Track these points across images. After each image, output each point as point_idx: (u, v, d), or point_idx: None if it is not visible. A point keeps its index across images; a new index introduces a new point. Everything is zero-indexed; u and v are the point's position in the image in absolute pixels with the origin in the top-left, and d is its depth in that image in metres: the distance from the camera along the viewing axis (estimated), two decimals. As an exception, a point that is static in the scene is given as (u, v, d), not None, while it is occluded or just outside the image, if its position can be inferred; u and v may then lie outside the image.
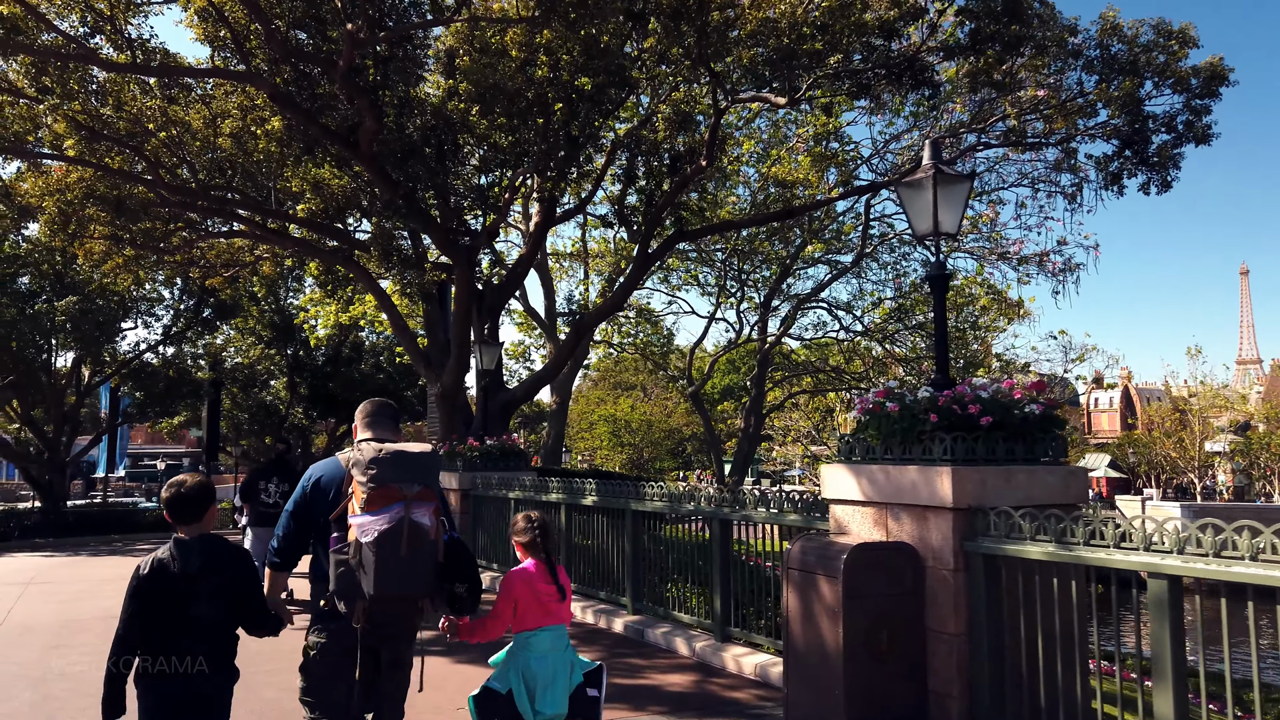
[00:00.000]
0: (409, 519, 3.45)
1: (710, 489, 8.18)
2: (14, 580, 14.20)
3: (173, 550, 3.54)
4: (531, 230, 19.12)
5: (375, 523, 3.42)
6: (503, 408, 18.94)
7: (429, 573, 3.56)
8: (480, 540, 12.82)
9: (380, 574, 3.40)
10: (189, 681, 3.47)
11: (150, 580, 3.50)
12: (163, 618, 3.47)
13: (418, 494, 3.53)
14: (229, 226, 20.56)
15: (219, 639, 3.57)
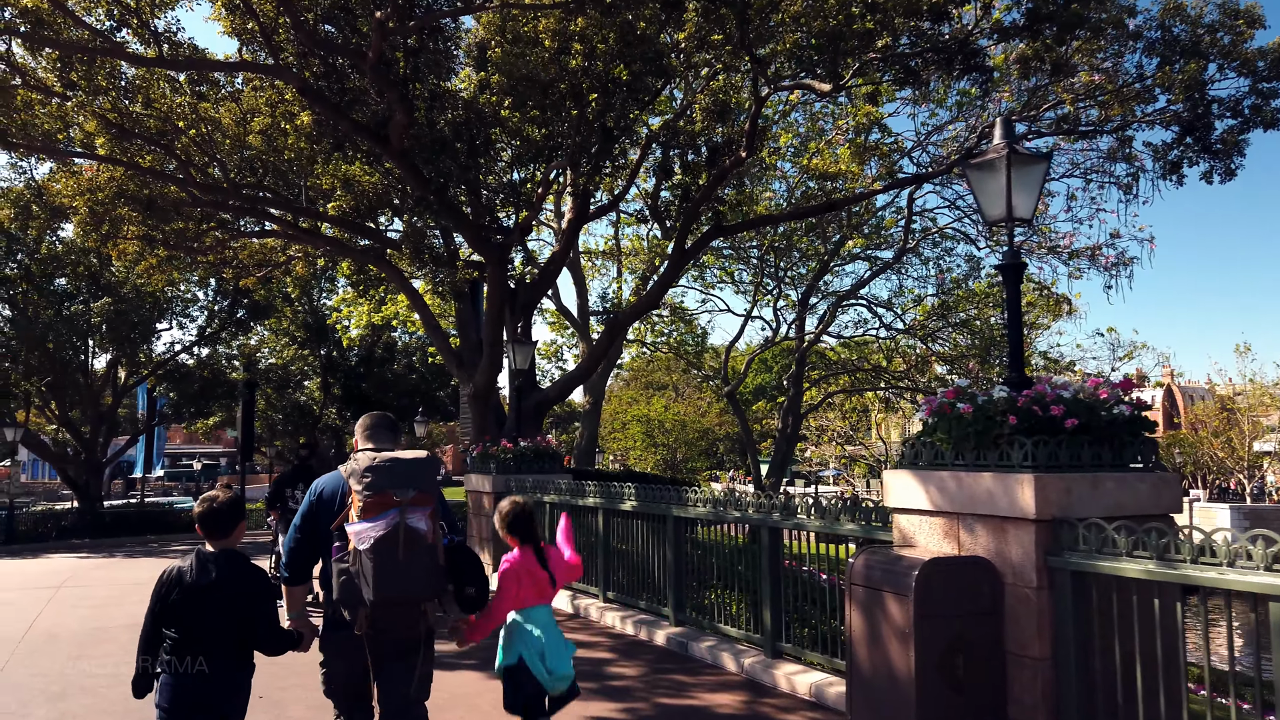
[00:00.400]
0: (404, 524, 3.52)
1: (759, 495, 7.71)
2: (47, 583, 14.07)
3: (194, 563, 3.70)
4: (564, 227, 18.74)
5: (372, 529, 3.50)
6: (536, 408, 18.59)
7: (427, 575, 3.63)
8: (514, 545, 12.45)
9: (379, 579, 3.48)
10: (198, 687, 3.60)
11: (167, 589, 3.69)
12: (178, 627, 3.64)
13: (413, 499, 3.58)
14: (261, 226, 20.42)
15: (234, 652, 3.70)
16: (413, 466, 3.67)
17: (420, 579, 3.59)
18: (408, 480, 3.61)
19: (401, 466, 3.64)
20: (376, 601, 3.52)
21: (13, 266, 27.11)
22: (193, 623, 3.64)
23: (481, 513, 13.08)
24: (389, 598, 3.53)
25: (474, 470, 13.44)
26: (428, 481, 3.71)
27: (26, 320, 26.90)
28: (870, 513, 6.34)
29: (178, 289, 30.28)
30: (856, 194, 17.01)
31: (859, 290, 22.40)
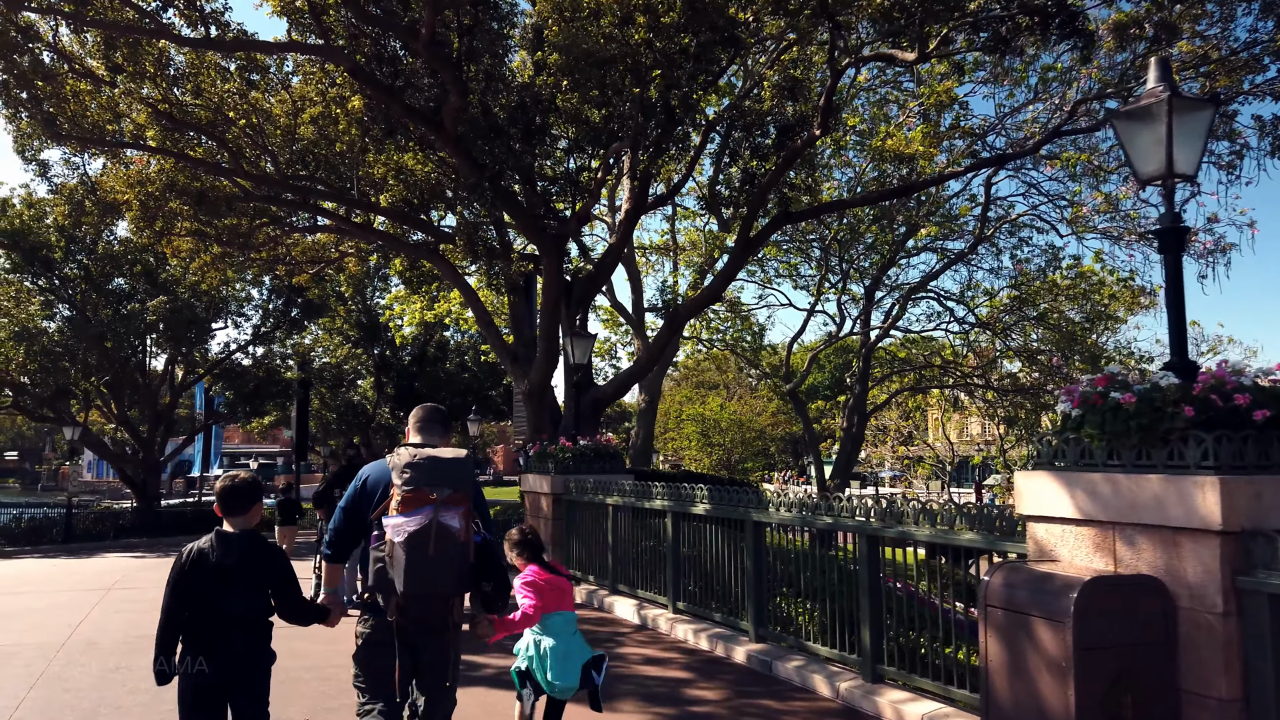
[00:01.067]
0: (437, 521, 3.63)
1: (858, 500, 6.89)
2: (97, 584, 13.77)
3: (213, 541, 3.74)
4: (621, 218, 18.04)
5: (407, 523, 3.61)
6: (593, 405, 17.92)
7: (456, 572, 3.71)
8: (574, 549, 11.76)
9: (409, 572, 3.60)
10: (218, 666, 3.63)
11: (189, 569, 3.70)
12: (199, 604, 3.66)
13: (448, 498, 3.68)
14: (313, 221, 20.10)
15: (248, 626, 3.73)
16: (450, 466, 3.77)
17: (448, 574, 3.69)
18: (444, 479, 3.72)
19: (440, 465, 3.74)
20: (405, 593, 3.64)
21: (72, 266, 27.31)
22: (216, 600, 3.68)
23: (540, 514, 12.44)
24: (417, 591, 3.64)
25: (531, 470, 12.80)
26: (464, 480, 3.80)
27: (85, 319, 27.07)
28: (994, 520, 5.50)
29: (232, 287, 30.30)
30: (938, 175, 15.98)
31: (929, 282, 21.31)
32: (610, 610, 10.16)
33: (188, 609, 3.70)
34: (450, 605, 3.84)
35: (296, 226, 20.23)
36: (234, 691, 3.70)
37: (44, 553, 22.48)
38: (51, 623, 9.76)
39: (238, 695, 3.71)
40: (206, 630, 3.67)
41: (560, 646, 4.66)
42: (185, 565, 3.72)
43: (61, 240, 26.96)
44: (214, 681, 3.65)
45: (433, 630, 3.86)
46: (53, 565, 18.29)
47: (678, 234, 25.87)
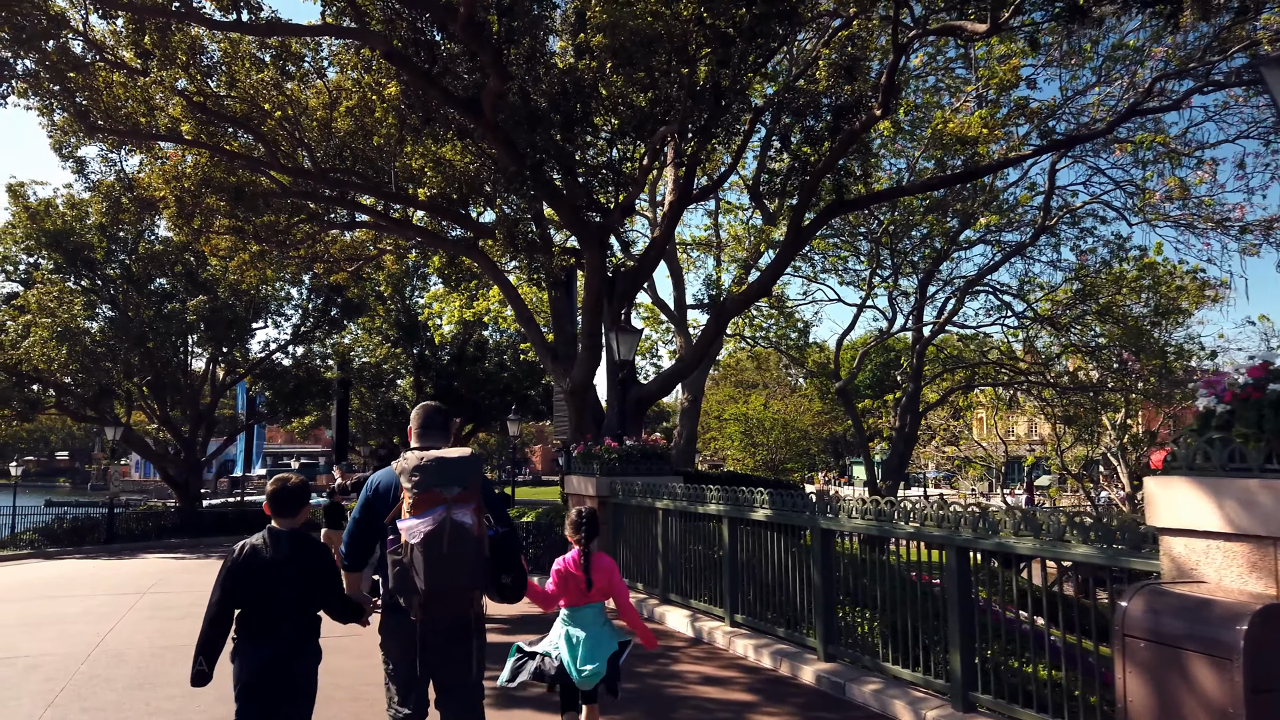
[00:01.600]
0: (450, 519, 3.73)
1: (947, 505, 6.20)
2: (133, 587, 13.47)
3: (265, 538, 3.92)
4: (665, 210, 17.44)
5: (421, 525, 3.70)
6: (636, 404, 17.34)
7: (472, 566, 3.80)
8: (622, 555, 11.17)
9: (429, 570, 3.69)
10: (271, 658, 3.79)
11: (241, 565, 3.86)
12: (251, 597, 3.82)
13: (457, 496, 3.78)
14: (351, 217, 19.77)
15: (302, 620, 3.89)
16: (457, 465, 3.85)
17: (465, 570, 3.78)
18: (452, 478, 3.80)
19: (447, 465, 3.82)
20: (427, 590, 3.71)
21: (114, 266, 27.34)
22: (268, 595, 3.83)
23: (584, 518, 11.86)
24: (438, 587, 3.72)
25: (575, 471, 12.24)
26: (471, 479, 3.87)
27: (127, 319, 27.08)
28: (1116, 532, 4.79)
29: (272, 287, 30.21)
30: (1001, 160, 15.13)
31: (987, 275, 20.38)
32: (662, 621, 9.55)
33: (240, 604, 3.85)
34: (469, 599, 3.94)
35: (334, 223, 19.93)
36: (284, 681, 3.86)
37: (86, 553, 22.42)
38: (80, 631, 9.38)
39: (287, 685, 3.87)
40: (258, 623, 3.84)
41: (591, 637, 4.81)
42: (238, 561, 3.89)
43: (103, 241, 27.00)
44: (263, 673, 3.81)
45: (454, 624, 3.95)
46: (92, 567, 18.12)
47: (720, 229, 25.21)
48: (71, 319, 24.06)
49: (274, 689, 3.84)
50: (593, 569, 4.95)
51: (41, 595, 12.73)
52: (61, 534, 23.36)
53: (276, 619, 3.85)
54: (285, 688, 3.86)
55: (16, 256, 27.04)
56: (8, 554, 20.89)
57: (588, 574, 4.91)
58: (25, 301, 24.68)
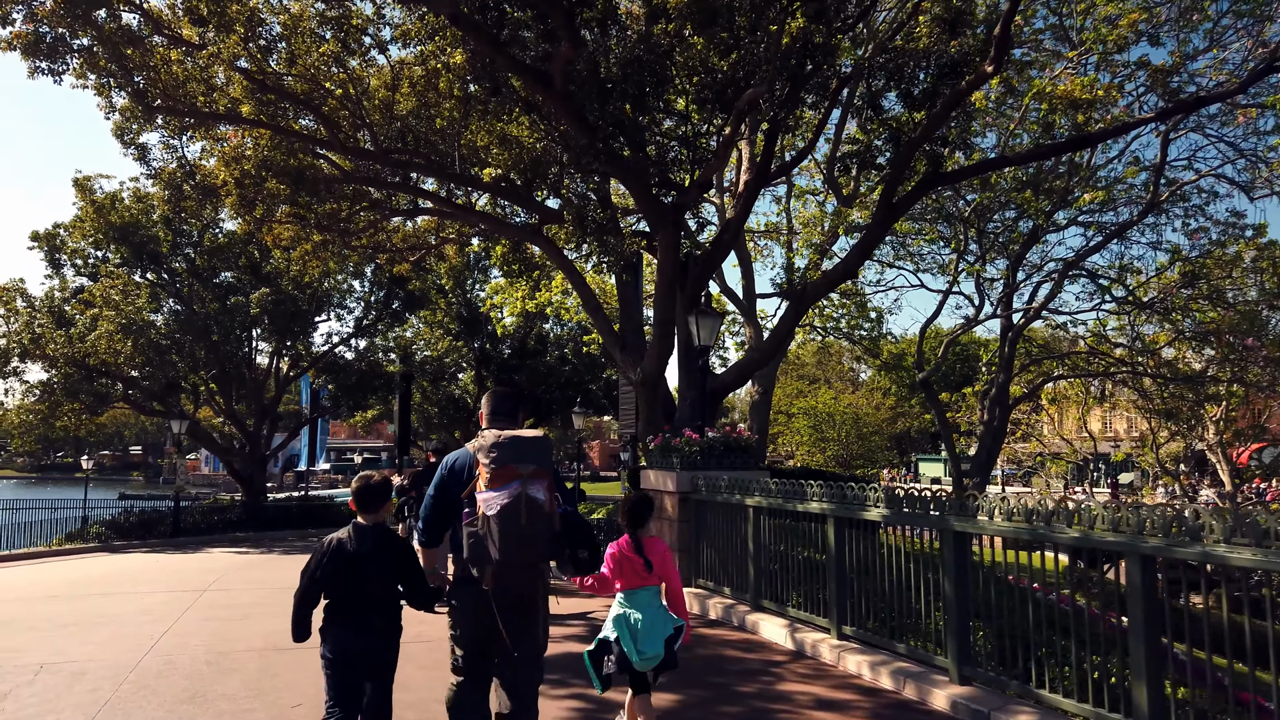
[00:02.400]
0: (526, 494, 3.92)
1: (1112, 505, 5.18)
2: (194, 585, 13.02)
3: (350, 533, 4.31)
4: (740, 190, 16.50)
5: (498, 498, 3.90)
6: (710, 396, 16.46)
7: (545, 540, 3.98)
8: (705, 556, 10.29)
9: (504, 541, 3.87)
10: (358, 639, 4.23)
11: (329, 557, 4.26)
12: (339, 587, 4.25)
13: (532, 472, 3.97)
14: (414, 203, 19.23)
15: (385, 606, 4.30)
16: (532, 444, 4.05)
17: (539, 543, 3.94)
18: (528, 456, 3.98)
19: (523, 444, 4.01)
20: (501, 561, 3.87)
21: (179, 260, 27.33)
22: (353, 586, 4.19)
23: (662, 515, 11.01)
24: (512, 558, 3.87)
25: (652, 466, 11.38)
26: (544, 457, 4.05)
27: (192, 312, 27.05)
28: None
29: (334, 279, 29.98)
30: (1117, 125, 13.81)
31: (1087, 257, 18.93)
32: (755, 631, 8.65)
33: (328, 593, 4.22)
34: (539, 570, 4.15)
35: (396, 210, 19.41)
36: (368, 660, 4.24)
37: (151, 547, 22.31)
38: (133, 633, 8.83)
39: (371, 663, 4.26)
40: (346, 608, 4.20)
41: (647, 619, 4.87)
42: (326, 554, 4.23)
43: (169, 234, 26.99)
44: (352, 652, 4.17)
45: (523, 596, 4.12)
46: (155, 561, 17.86)
47: (790, 214, 24.13)
48: (137, 312, 24.00)
49: (358, 668, 4.23)
50: (648, 551, 5.00)
51: (101, 592, 12.32)
52: (129, 527, 23.30)
53: (362, 607, 4.21)
54: (368, 666, 4.25)
55: (85, 250, 27.17)
56: (75, 547, 20.84)
57: (644, 556, 4.96)
58: (91, 295, 24.73)
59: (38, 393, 24.88)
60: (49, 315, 25.29)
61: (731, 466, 10.78)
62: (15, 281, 25.41)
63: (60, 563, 17.89)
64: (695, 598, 10.02)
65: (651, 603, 4.94)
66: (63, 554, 19.86)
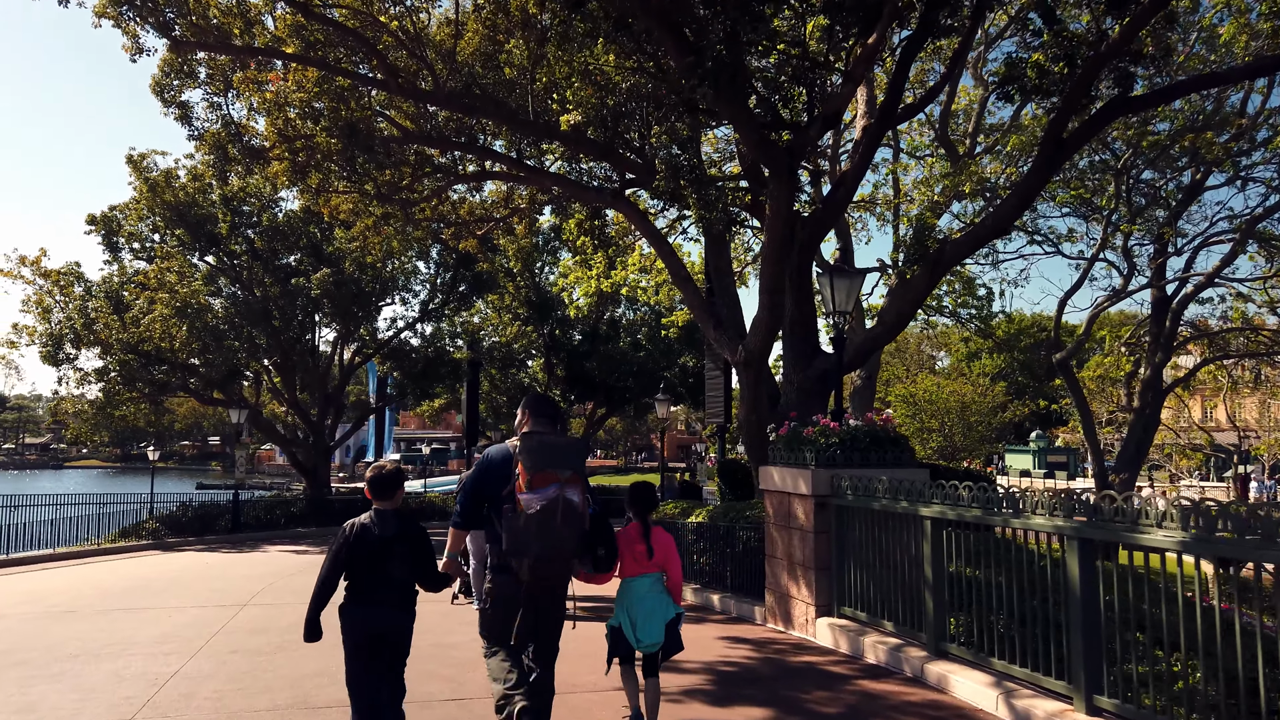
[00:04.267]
0: (564, 497, 4.29)
1: None
2: (233, 597, 11.28)
3: (373, 518, 4.56)
4: (858, 134, 14.15)
5: (537, 499, 4.25)
6: (821, 378, 14.21)
7: (577, 538, 4.37)
8: (852, 578, 8.05)
9: (541, 538, 4.24)
10: (380, 617, 4.47)
11: (355, 540, 4.47)
12: (361, 568, 4.46)
13: (569, 478, 4.34)
14: (481, 167, 17.31)
15: (402, 587, 4.54)
16: (569, 450, 4.45)
17: (571, 540, 4.34)
18: (565, 461, 4.37)
19: (561, 450, 4.41)
20: (537, 556, 4.24)
21: (238, 241, 26.01)
22: (375, 567, 4.47)
23: (790, 523, 8.82)
24: (547, 553, 4.27)
25: (775, 462, 9.18)
26: (579, 463, 4.46)
27: (252, 296, 25.73)
28: None
29: (398, 260, 28.41)
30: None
31: (1267, 217, 16.00)
32: (943, 688, 6.39)
33: (350, 574, 4.48)
34: (569, 566, 4.49)
35: (462, 175, 17.52)
36: (387, 639, 4.52)
37: (208, 544, 20.96)
38: (140, 672, 7.00)
39: (390, 641, 4.54)
40: (367, 589, 4.46)
41: (647, 606, 5.15)
42: (350, 538, 4.48)
43: (227, 214, 25.67)
44: (372, 631, 4.47)
45: (554, 587, 4.48)
46: (204, 563, 16.33)
47: (898, 176, 21.60)
48: (193, 295, 22.64)
49: (376, 643, 4.49)
50: (653, 539, 5.27)
51: (127, 606, 10.64)
52: (186, 523, 22.01)
53: (380, 586, 4.47)
54: (385, 643, 4.52)
55: (142, 233, 26.02)
56: (127, 545, 19.54)
57: (648, 543, 5.23)
58: (145, 277, 23.49)
59: (93, 380, 23.77)
60: (106, 300, 24.16)
61: (880, 464, 8.53)
62: (71, 265, 24.33)
63: (104, 564, 16.49)
64: (840, 632, 7.81)
65: (652, 589, 5.23)
66: (111, 553, 18.54)
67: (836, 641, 7.86)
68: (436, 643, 7.84)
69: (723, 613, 10.26)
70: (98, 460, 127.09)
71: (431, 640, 7.75)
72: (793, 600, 8.73)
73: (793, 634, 8.58)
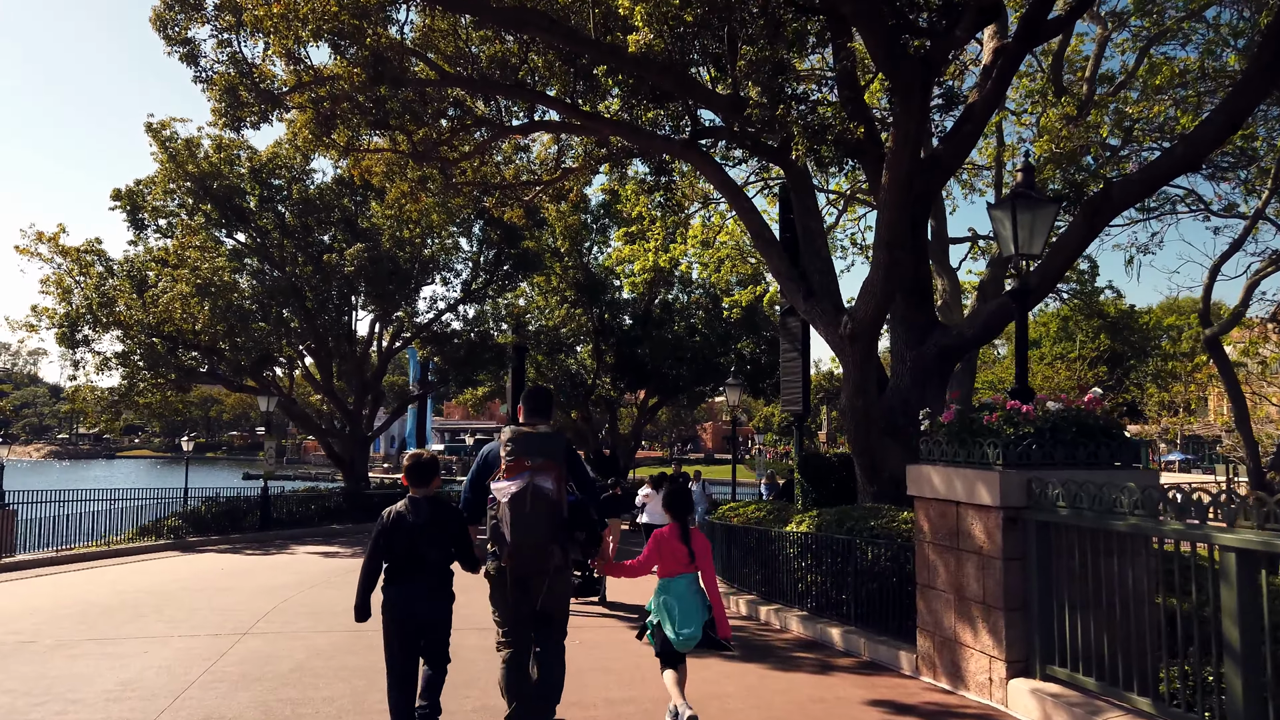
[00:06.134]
0: (533, 483, 4.67)
1: None
2: (235, 621, 9.21)
3: (408, 505, 4.86)
4: (988, 59, 11.62)
5: (510, 487, 4.67)
6: (939, 356, 11.86)
7: (550, 524, 4.69)
8: (1067, 626, 5.67)
9: (514, 525, 4.63)
10: (419, 601, 4.77)
11: (395, 524, 4.80)
12: (398, 553, 4.77)
13: (540, 465, 4.71)
14: (530, 114, 15.11)
15: (439, 571, 4.85)
16: (542, 440, 4.82)
17: (544, 526, 4.66)
18: (537, 450, 4.75)
19: (533, 439, 4.80)
20: (512, 541, 4.62)
21: (268, 217, 24.12)
22: (413, 551, 4.77)
23: (961, 544, 6.45)
24: (520, 539, 4.63)
25: (937, 459, 6.77)
26: (554, 452, 4.80)
27: (282, 275, 23.86)
28: None
29: (438, 236, 26.35)
30: None
31: None
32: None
33: (388, 558, 4.77)
34: (548, 551, 4.71)
35: (507, 128, 15.31)
36: (424, 619, 4.82)
37: (232, 544, 19.10)
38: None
39: (426, 620, 4.83)
40: (405, 572, 4.77)
41: (685, 605, 5.29)
42: (387, 524, 4.80)
43: (255, 187, 23.80)
44: (411, 611, 4.76)
45: (538, 571, 4.74)
46: (220, 569, 14.38)
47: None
48: (215, 272, 20.75)
49: (415, 624, 4.79)
50: (693, 541, 5.40)
51: (100, 634, 8.61)
52: (211, 520, 20.18)
53: (417, 570, 4.77)
54: (424, 623, 4.81)
55: (167, 209, 24.24)
56: (143, 545, 17.70)
57: (689, 545, 5.37)
58: (165, 253, 21.70)
59: (114, 366, 22.02)
60: (129, 280, 22.41)
61: (1091, 462, 6.17)
62: (91, 242, 22.62)
63: (108, 569, 14.61)
64: (1055, 705, 5.41)
65: (690, 588, 5.35)
66: (122, 554, 16.69)
67: (1048, 718, 5.48)
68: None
69: (847, 653, 7.93)
70: (149, 450, 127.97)
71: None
72: (965, 650, 6.36)
73: (968, 697, 6.22)
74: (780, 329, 16.86)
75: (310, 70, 13.17)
